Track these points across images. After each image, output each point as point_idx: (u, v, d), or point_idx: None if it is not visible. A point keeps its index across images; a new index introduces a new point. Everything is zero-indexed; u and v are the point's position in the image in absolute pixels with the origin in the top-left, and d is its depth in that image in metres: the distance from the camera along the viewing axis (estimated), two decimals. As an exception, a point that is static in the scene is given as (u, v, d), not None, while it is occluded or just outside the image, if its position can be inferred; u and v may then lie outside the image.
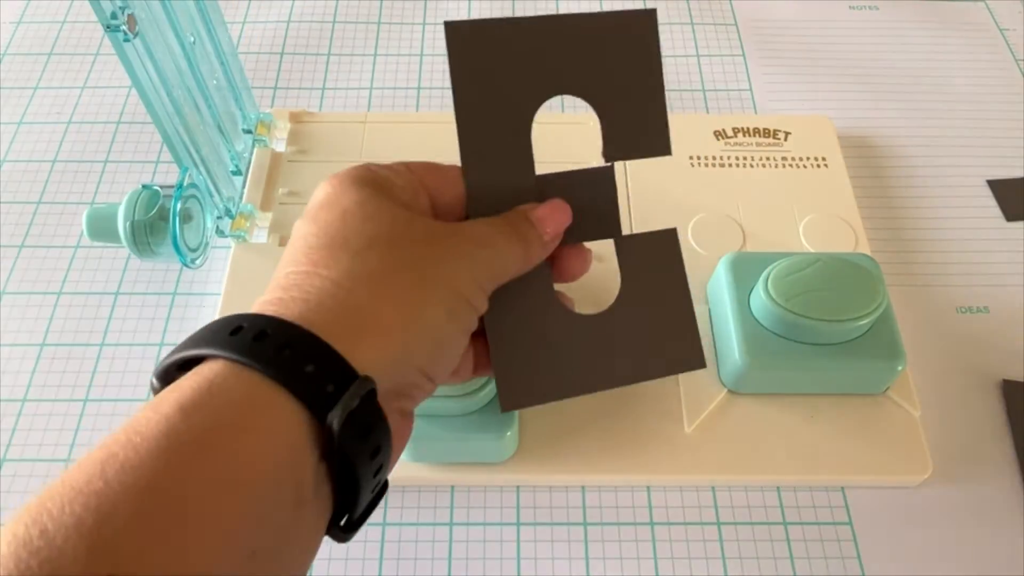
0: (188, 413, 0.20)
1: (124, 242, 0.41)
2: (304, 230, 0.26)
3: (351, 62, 0.57)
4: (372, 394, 0.22)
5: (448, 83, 0.55)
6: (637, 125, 0.31)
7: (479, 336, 0.30)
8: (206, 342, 0.22)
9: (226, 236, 0.44)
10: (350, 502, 0.23)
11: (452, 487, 0.39)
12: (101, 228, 0.41)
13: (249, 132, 0.48)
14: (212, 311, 0.45)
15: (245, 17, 0.59)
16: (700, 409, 0.40)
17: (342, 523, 0.24)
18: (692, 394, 0.40)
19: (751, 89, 0.55)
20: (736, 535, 0.38)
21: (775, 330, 0.38)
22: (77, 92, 0.55)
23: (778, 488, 0.39)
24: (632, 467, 0.39)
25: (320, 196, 0.27)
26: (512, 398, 0.31)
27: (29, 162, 0.51)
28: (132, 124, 0.53)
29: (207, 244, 0.43)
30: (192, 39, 0.41)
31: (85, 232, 0.42)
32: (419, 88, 0.55)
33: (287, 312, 0.23)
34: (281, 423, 0.21)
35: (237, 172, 0.47)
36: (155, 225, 0.40)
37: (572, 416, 0.40)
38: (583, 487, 0.39)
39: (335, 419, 0.21)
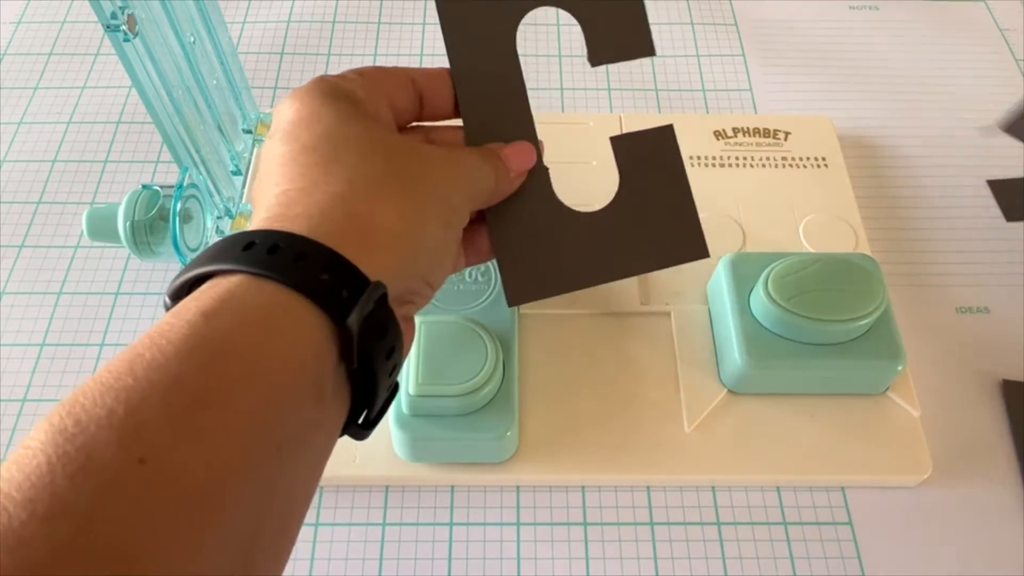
0: (211, 319, 0.21)
1: (124, 242, 0.41)
2: (283, 148, 0.27)
3: (351, 62, 0.56)
4: (384, 298, 0.24)
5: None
6: (618, 27, 0.32)
7: (465, 232, 0.32)
8: (220, 258, 0.23)
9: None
10: (367, 401, 0.25)
11: (452, 487, 0.39)
12: (101, 228, 0.41)
13: (249, 132, 0.48)
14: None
15: (245, 17, 0.59)
16: (700, 409, 0.40)
17: (360, 421, 0.25)
18: (692, 394, 0.40)
19: (751, 89, 0.55)
20: (736, 535, 0.38)
21: (775, 330, 0.38)
22: (77, 92, 0.55)
23: (778, 488, 0.39)
24: (632, 467, 0.39)
25: (290, 114, 0.27)
26: (517, 292, 0.32)
27: (29, 162, 0.51)
28: (132, 124, 0.53)
29: (207, 244, 0.43)
30: (192, 39, 0.41)
31: (85, 232, 0.42)
32: (419, 88, 0.55)
33: (294, 227, 0.24)
34: (301, 327, 0.22)
35: (237, 172, 0.47)
36: (155, 225, 0.40)
37: (572, 416, 0.40)
38: (583, 487, 0.39)
39: (354, 321, 0.22)
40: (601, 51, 0.32)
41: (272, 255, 0.23)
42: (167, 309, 0.23)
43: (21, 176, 0.51)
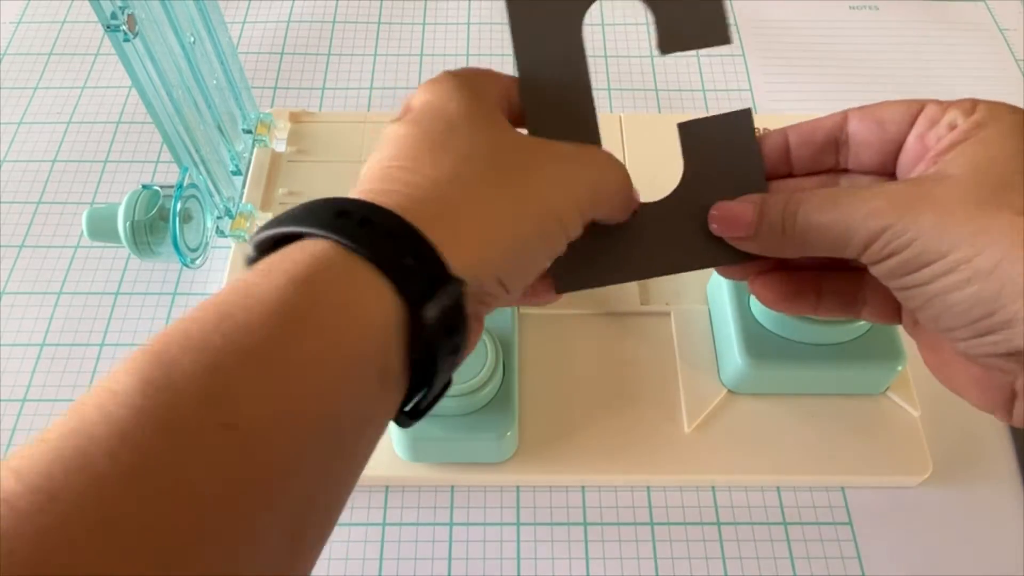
0: (299, 285, 0.21)
1: (124, 242, 0.41)
2: (404, 130, 0.26)
3: (351, 62, 0.57)
4: (462, 296, 0.23)
5: (448, 83, 0.55)
6: (691, 13, 0.30)
7: None
8: (313, 221, 0.23)
9: (226, 236, 0.44)
10: (423, 391, 0.24)
11: (452, 487, 0.39)
12: (101, 228, 0.41)
13: (249, 132, 0.48)
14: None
15: (245, 17, 0.59)
16: (700, 409, 0.40)
17: (407, 409, 0.25)
18: (692, 394, 0.40)
19: (751, 89, 0.55)
20: (736, 535, 0.38)
21: (775, 330, 0.38)
22: (77, 92, 0.55)
23: (778, 488, 0.39)
24: (632, 467, 0.39)
25: (422, 102, 0.27)
26: (568, 278, 0.31)
27: (29, 162, 0.51)
28: (132, 124, 0.53)
29: (207, 244, 0.43)
30: (192, 39, 0.41)
31: (85, 232, 0.42)
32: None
33: (389, 202, 0.23)
34: (379, 309, 0.22)
35: (237, 172, 0.47)
36: (155, 225, 0.40)
37: (572, 416, 0.40)
38: (583, 487, 0.39)
39: (431, 315, 0.22)
40: (673, 39, 0.31)
41: (363, 228, 0.22)
42: (249, 262, 0.23)
43: (21, 176, 0.51)
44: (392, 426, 0.37)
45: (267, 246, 0.23)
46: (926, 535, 0.38)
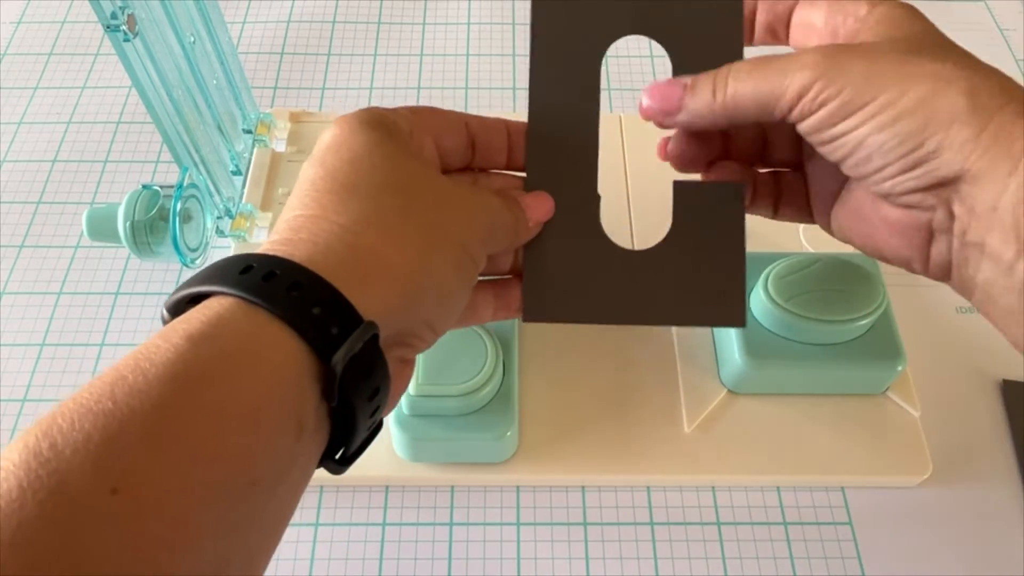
0: (197, 344, 0.21)
1: (124, 242, 0.41)
2: (311, 173, 0.26)
3: (351, 62, 0.57)
4: (375, 339, 0.23)
5: (447, 83, 0.55)
6: (709, 52, 0.31)
7: (497, 283, 0.32)
8: (216, 279, 0.23)
9: (226, 236, 0.44)
10: (346, 438, 0.24)
11: (452, 487, 0.39)
12: (101, 228, 0.41)
13: (249, 132, 0.48)
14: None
15: (245, 17, 0.59)
16: (700, 409, 0.40)
17: (337, 457, 0.25)
18: (692, 394, 0.40)
19: (751, 89, 0.55)
20: (736, 535, 0.38)
21: (775, 330, 0.38)
22: (77, 92, 0.55)
23: (778, 488, 0.39)
24: (632, 467, 0.39)
25: (328, 139, 0.27)
26: (536, 309, 0.31)
27: (29, 162, 0.51)
28: (132, 124, 0.53)
29: (207, 244, 0.43)
30: (192, 39, 0.41)
31: (85, 232, 0.42)
32: (419, 88, 0.55)
33: (296, 254, 0.23)
34: (286, 361, 0.22)
35: (237, 172, 0.47)
36: (155, 225, 0.40)
37: (572, 416, 0.40)
38: (583, 487, 0.39)
39: (339, 361, 0.22)
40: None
41: (267, 282, 0.22)
42: (164, 323, 0.23)
43: (21, 176, 0.51)
44: (392, 425, 0.37)
45: (180, 308, 0.23)
46: (926, 535, 0.38)
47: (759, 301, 0.39)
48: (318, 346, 0.22)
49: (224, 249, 0.46)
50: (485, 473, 0.39)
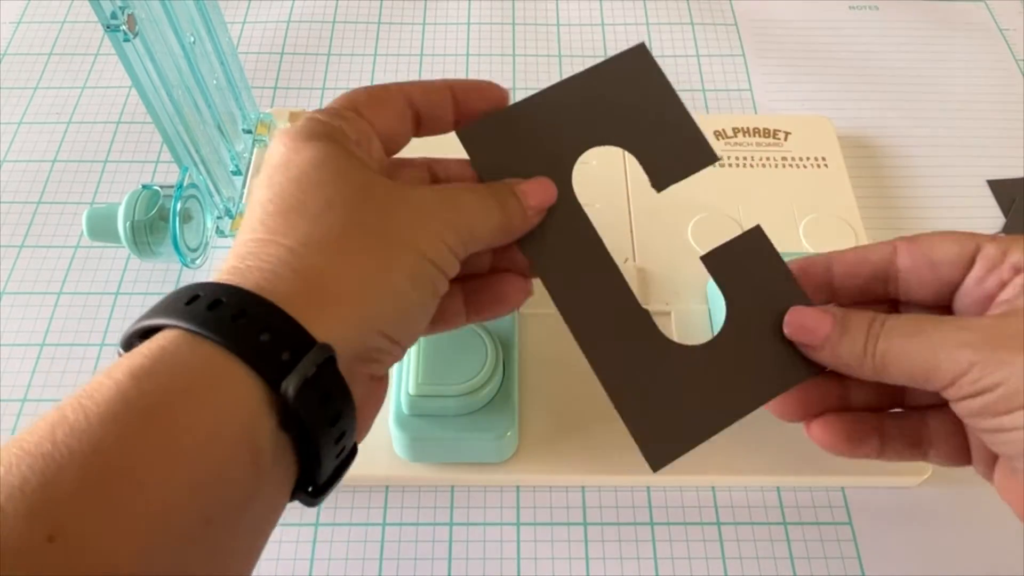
0: (140, 379, 0.20)
1: (124, 242, 0.41)
2: (260, 195, 0.25)
3: (351, 62, 0.57)
4: (330, 361, 0.22)
5: (448, 83, 0.55)
6: (673, 146, 0.31)
7: (467, 280, 0.30)
8: (163, 311, 0.22)
9: (226, 236, 0.45)
10: (313, 469, 0.23)
11: (452, 487, 0.39)
12: (101, 228, 0.42)
13: (249, 132, 0.48)
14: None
15: (245, 17, 0.59)
16: None
17: (309, 489, 0.24)
18: None
19: (751, 89, 0.55)
20: (736, 535, 0.38)
21: None
22: (77, 92, 0.55)
23: (778, 488, 0.39)
24: (632, 467, 0.39)
25: (274, 157, 0.26)
26: (660, 453, 0.29)
27: (29, 162, 0.51)
28: (132, 124, 0.53)
29: (207, 244, 0.43)
30: (192, 39, 0.41)
31: (85, 232, 0.42)
32: (419, 88, 0.55)
33: (244, 280, 0.23)
34: (234, 391, 0.21)
35: (237, 172, 0.47)
36: (155, 225, 0.40)
37: (572, 416, 0.40)
38: (583, 487, 0.39)
39: (289, 387, 0.21)
40: (664, 175, 0.31)
41: (212, 311, 0.21)
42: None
43: (21, 176, 0.51)
44: (392, 425, 0.37)
45: (131, 344, 0.22)
46: (926, 535, 0.38)
47: None
48: (268, 374, 0.21)
49: (224, 249, 0.46)
50: (485, 473, 0.39)
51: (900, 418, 0.29)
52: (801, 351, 0.28)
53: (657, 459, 0.28)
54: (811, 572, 0.37)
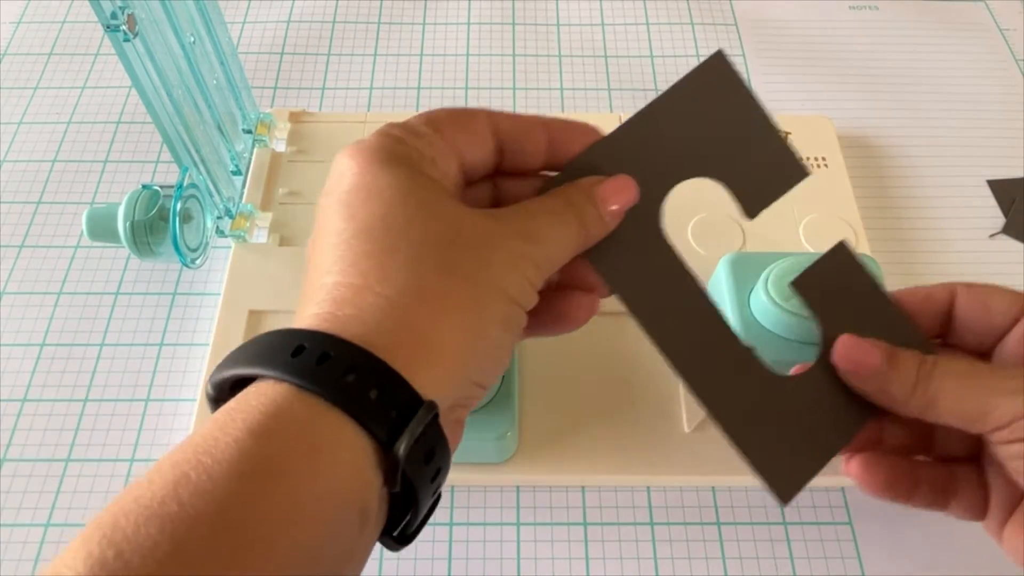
0: (259, 438, 0.20)
1: (124, 242, 0.41)
2: (340, 225, 0.24)
3: (351, 62, 0.57)
4: (435, 419, 0.22)
5: (447, 83, 0.55)
6: (760, 166, 0.30)
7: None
8: (267, 362, 0.22)
9: (226, 236, 0.44)
10: (407, 517, 0.23)
11: (452, 487, 0.39)
12: (101, 228, 0.42)
13: (249, 132, 0.48)
14: (212, 311, 0.44)
15: (245, 17, 0.59)
16: (700, 410, 0.40)
17: (395, 534, 0.24)
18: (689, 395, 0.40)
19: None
20: (736, 535, 0.38)
21: (775, 330, 0.38)
22: (77, 92, 0.55)
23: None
24: (632, 467, 0.39)
25: (347, 178, 0.25)
26: (786, 486, 0.29)
27: (29, 162, 0.51)
28: (132, 124, 0.53)
29: (207, 244, 0.43)
30: (192, 39, 0.41)
31: (85, 232, 0.42)
32: (419, 88, 0.55)
33: (345, 331, 0.22)
34: (348, 451, 0.21)
35: (237, 172, 0.47)
36: (155, 225, 0.40)
37: (572, 416, 0.40)
38: (583, 487, 0.39)
39: (401, 448, 0.21)
40: (755, 200, 0.30)
41: (321, 365, 0.21)
42: (211, 400, 0.22)
43: (21, 176, 0.51)
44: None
45: (225, 386, 0.22)
46: (926, 535, 0.38)
47: (759, 301, 0.39)
48: (379, 434, 0.21)
49: (224, 249, 0.46)
50: (485, 473, 0.39)
51: (931, 467, 0.30)
52: (846, 381, 0.28)
53: (785, 493, 0.28)
54: (811, 572, 0.37)
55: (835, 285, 0.30)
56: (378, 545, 0.31)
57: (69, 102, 0.54)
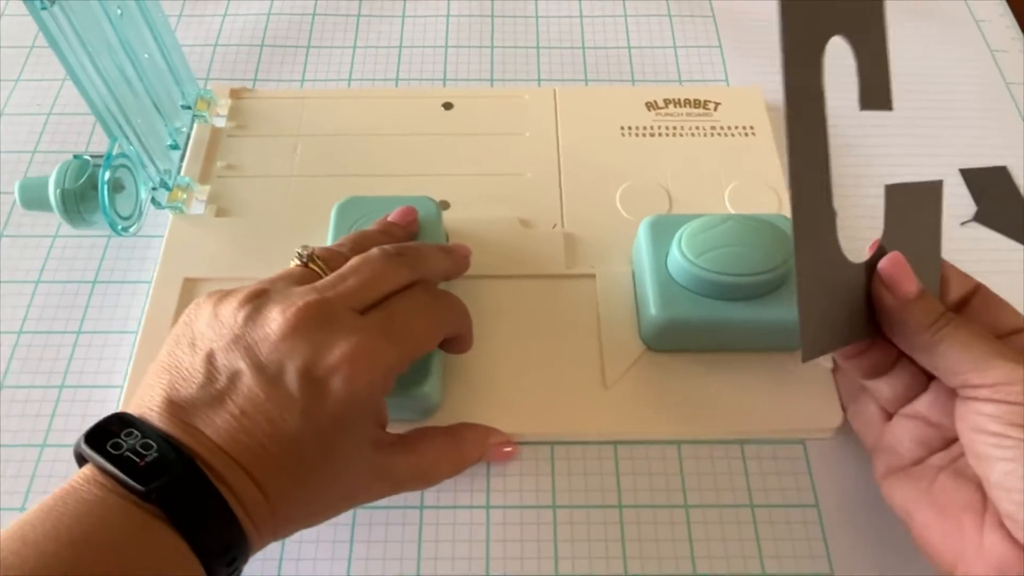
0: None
1: (56, 210, 0.41)
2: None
3: (331, 54, 0.57)
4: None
5: (425, 75, 0.56)
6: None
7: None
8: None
9: (163, 207, 0.45)
10: None
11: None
12: (33, 198, 0.42)
13: (188, 108, 0.49)
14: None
15: (226, 11, 0.59)
16: (619, 366, 0.41)
17: None
18: (612, 352, 0.41)
19: (727, 80, 0.55)
20: (704, 518, 0.38)
21: (690, 287, 0.39)
22: (58, 84, 0.55)
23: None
24: (549, 423, 0.40)
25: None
26: (813, 348, 0.32)
27: (9, 153, 0.52)
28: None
29: (141, 214, 0.44)
30: (119, 11, 0.41)
31: (18, 201, 0.42)
32: (397, 80, 0.55)
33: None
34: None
35: (175, 146, 0.47)
36: (86, 194, 0.41)
37: (496, 376, 0.41)
38: (552, 472, 0.40)
39: None
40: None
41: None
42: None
43: (1, 167, 0.51)
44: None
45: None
46: (892, 518, 0.38)
47: (674, 259, 0.39)
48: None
49: (162, 218, 0.47)
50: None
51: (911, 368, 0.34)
52: (876, 296, 0.32)
53: (809, 355, 0.32)
54: (777, 553, 0.37)
55: (914, 206, 0.34)
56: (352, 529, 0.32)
57: (50, 94, 0.55)
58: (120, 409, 0.30)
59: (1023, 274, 0.46)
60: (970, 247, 0.47)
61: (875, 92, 0.33)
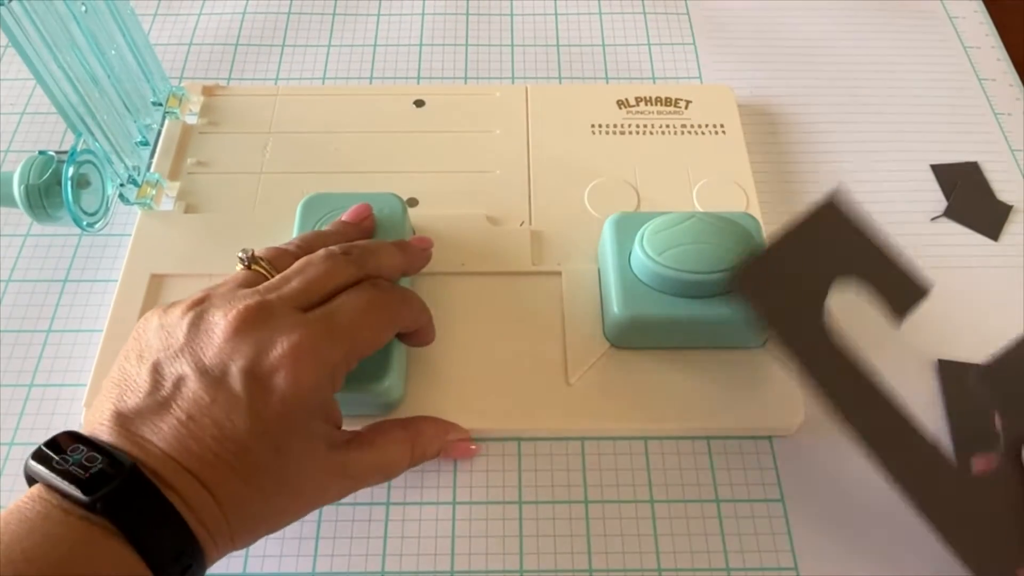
0: None
1: (20, 206, 0.41)
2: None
3: (305, 53, 0.57)
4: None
5: (399, 73, 0.56)
6: (896, 281, 0.35)
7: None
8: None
9: (131, 204, 0.45)
10: None
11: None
12: None
13: (159, 105, 0.49)
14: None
15: (201, 10, 0.59)
16: (583, 363, 0.41)
17: None
18: (575, 349, 0.41)
19: (700, 77, 0.56)
20: (669, 512, 0.38)
21: (652, 284, 0.39)
22: (32, 84, 0.55)
23: (712, 466, 0.40)
24: (511, 419, 0.40)
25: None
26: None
27: (-18, 152, 0.52)
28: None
29: (108, 210, 0.44)
30: (84, 8, 0.41)
31: None
32: (372, 78, 0.55)
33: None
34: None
35: (145, 143, 0.47)
36: (51, 189, 0.41)
37: (459, 371, 0.41)
38: (519, 469, 0.40)
39: None
40: (900, 306, 0.35)
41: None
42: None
43: (-26, 167, 0.51)
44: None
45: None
46: (857, 514, 0.38)
47: (637, 257, 0.39)
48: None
49: (130, 215, 0.47)
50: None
51: None
52: None
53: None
54: (742, 548, 0.37)
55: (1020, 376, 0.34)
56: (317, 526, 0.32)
57: (24, 93, 0.55)
58: (83, 415, 0.31)
59: (992, 269, 0.46)
60: (939, 242, 0.47)
61: (905, 288, 0.35)
